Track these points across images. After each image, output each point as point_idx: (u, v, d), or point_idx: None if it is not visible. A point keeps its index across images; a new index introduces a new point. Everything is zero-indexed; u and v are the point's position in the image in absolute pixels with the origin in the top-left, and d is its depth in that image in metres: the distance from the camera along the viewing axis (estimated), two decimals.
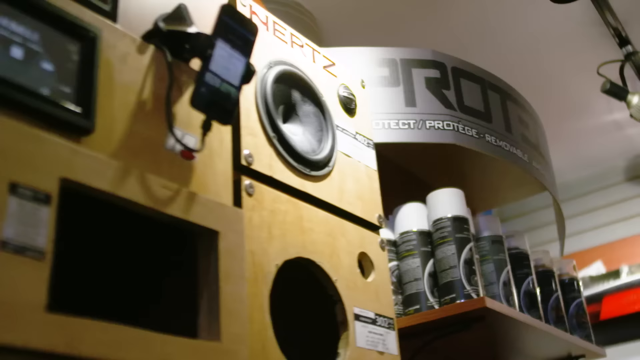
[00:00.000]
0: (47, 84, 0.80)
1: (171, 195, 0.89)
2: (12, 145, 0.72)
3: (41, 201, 0.73)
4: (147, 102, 0.93)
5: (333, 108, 1.34)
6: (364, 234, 1.28)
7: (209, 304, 0.90)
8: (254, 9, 1.24)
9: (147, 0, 1.03)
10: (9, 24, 0.79)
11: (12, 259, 0.68)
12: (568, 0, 2.19)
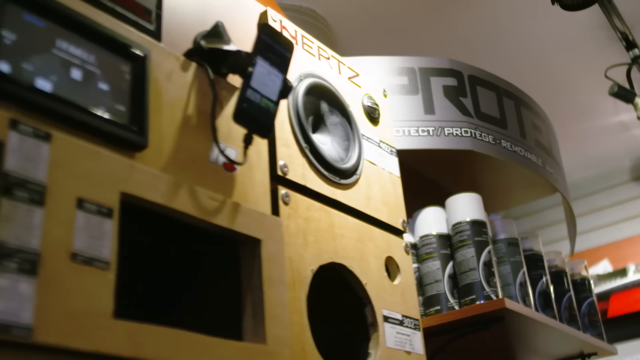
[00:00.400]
0: (104, 103, 0.85)
1: (218, 206, 0.93)
2: (77, 162, 0.77)
3: (105, 215, 0.78)
4: (192, 117, 0.98)
5: (358, 117, 1.38)
6: (389, 239, 1.33)
7: (253, 308, 0.94)
8: (284, 24, 1.29)
9: (185, 18, 1.08)
10: (68, 47, 0.84)
11: (82, 269, 0.73)
12: (578, 8, 2.24)
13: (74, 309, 0.70)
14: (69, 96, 0.81)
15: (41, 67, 0.79)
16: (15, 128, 0.72)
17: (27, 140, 0.73)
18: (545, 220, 3.98)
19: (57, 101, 0.79)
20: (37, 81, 0.78)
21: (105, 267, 0.75)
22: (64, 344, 0.68)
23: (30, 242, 0.69)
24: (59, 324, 0.68)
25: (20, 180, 0.70)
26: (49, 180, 0.73)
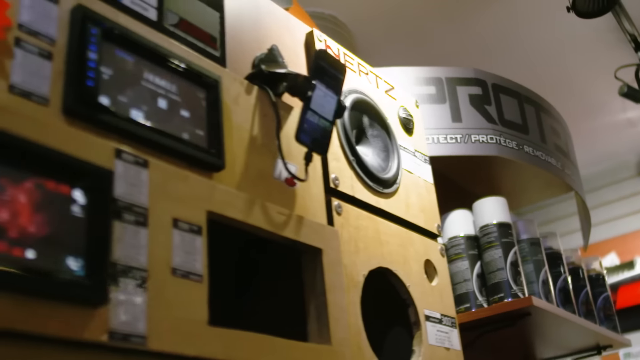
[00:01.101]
0: (186, 129, 0.93)
1: (285, 219, 1.01)
2: (170, 186, 0.84)
3: (195, 232, 0.85)
4: (257, 138, 1.06)
5: (394, 128, 1.46)
6: (427, 243, 1.41)
7: (317, 312, 1.02)
8: (328, 43, 1.36)
9: (244, 42, 1.15)
10: (154, 79, 0.91)
11: (181, 282, 0.81)
12: (593, 16, 2.31)
13: (176, 318, 0.78)
14: (158, 124, 0.88)
15: (134, 99, 0.87)
16: (120, 157, 0.80)
17: (129, 168, 0.80)
18: (555, 214, 4.06)
19: (149, 130, 0.86)
20: (132, 112, 0.86)
21: (199, 280, 0.83)
22: (170, 350, 0.76)
23: (139, 260, 0.77)
24: (166, 332, 0.76)
25: (127, 205, 0.78)
26: (149, 203, 0.81)
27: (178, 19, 1.03)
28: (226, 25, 1.13)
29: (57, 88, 0.79)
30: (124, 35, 0.88)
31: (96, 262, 0.71)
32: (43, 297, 0.65)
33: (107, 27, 0.86)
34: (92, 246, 0.71)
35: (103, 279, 0.70)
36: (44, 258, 0.67)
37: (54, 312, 0.66)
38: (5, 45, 0.75)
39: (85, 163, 0.74)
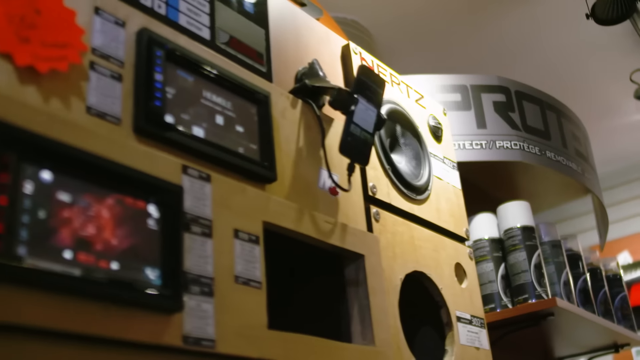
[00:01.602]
0: (241, 144, 0.98)
1: (331, 228, 1.06)
2: (230, 198, 0.89)
3: (254, 242, 0.90)
4: (302, 150, 1.10)
5: (425, 136, 1.50)
6: (457, 247, 1.45)
7: (360, 315, 1.07)
8: (363, 56, 1.41)
9: (287, 57, 1.20)
10: (211, 96, 0.96)
11: (243, 289, 0.86)
12: (611, 23, 2.34)
13: (240, 323, 0.83)
14: (217, 140, 0.93)
15: (195, 116, 0.92)
16: (186, 172, 0.85)
17: (195, 182, 0.85)
18: (569, 213, 4.09)
19: (210, 145, 0.91)
20: (194, 129, 0.91)
21: (258, 286, 0.88)
22: (236, 352, 0.81)
23: (206, 269, 0.82)
24: (232, 336, 0.81)
25: (194, 217, 0.83)
26: (213, 216, 0.86)
27: (228, 37, 1.08)
28: (270, 41, 1.17)
29: (127, 108, 0.84)
30: (185, 56, 0.93)
31: (171, 272, 0.76)
32: (127, 305, 0.70)
33: (169, 49, 0.91)
34: (167, 257, 0.76)
35: (178, 288, 0.75)
36: (126, 269, 0.72)
37: (136, 319, 0.71)
38: (82, 69, 0.80)
39: (159, 180, 0.79)
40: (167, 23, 0.97)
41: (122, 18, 0.88)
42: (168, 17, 0.98)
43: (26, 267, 0.63)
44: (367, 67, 1.17)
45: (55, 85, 0.76)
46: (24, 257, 0.63)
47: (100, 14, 0.86)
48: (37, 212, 0.66)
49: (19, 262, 0.62)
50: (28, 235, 0.64)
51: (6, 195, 0.64)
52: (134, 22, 0.90)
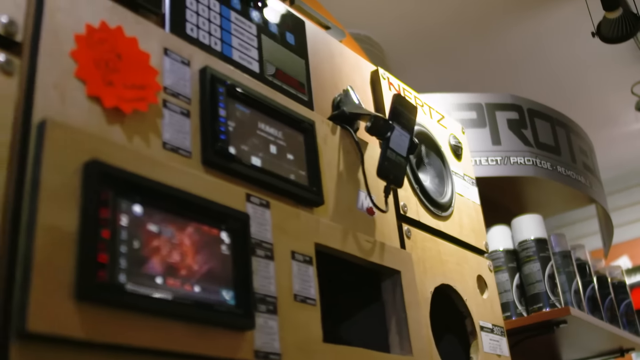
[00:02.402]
0: (292, 171, 1.05)
1: (371, 246, 1.13)
2: (287, 222, 0.97)
3: (308, 262, 0.98)
4: (342, 173, 1.18)
5: (447, 155, 1.58)
6: (478, 260, 1.53)
7: (398, 327, 1.15)
8: (390, 81, 1.48)
9: (325, 84, 1.27)
10: (265, 127, 1.04)
11: (300, 307, 0.93)
12: (617, 41, 2.42)
13: (300, 337, 0.90)
14: (272, 168, 1.01)
15: (252, 147, 0.99)
16: (249, 200, 0.92)
17: (257, 209, 0.93)
18: (569, 219, 4.17)
19: (267, 174, 0.99)
20: (252, 159, 0.98)
21: (314, 303, 0.95)
22: None
23: (270, 289, 0.89)
24: (293, 350, 0.88)
25: (258, 242, 0.90)
26: (273, 239, 0.93)
27: (274, 69, 1.15)
28: (310, 70, 1.25)
29: (196, 142, 0.91)
30: (242, 91, 1.00)
31: (243, 293, 0.83)
32: (208, 325, 0.78)
33: (229, 85, 0.98)
34: (239, 279, 0.83)
35: (250, 307, 0.83)
36: (206, 291, 0.79)
37: (215, 337, 0.78)
38: (157, 108, 0.88)
39: (229, 209, 0.86)
40: (223, 59, 1.04)
41: (187, 57, 0.95)
42: (223, 54, 1.05)
43: (128, 293, 0.70)
44: (401, 95, 1.24)
45: (136, 123, 0.84)
46: (125, 284, 0.70)
47: (169, 54, 0.93)
48: (132, 242, 0.73)
49: (122, 289, 0.70)
50: (126, 264, 0.72)
51: (108, 229, 0.71)
52: (197, 60, 0.97)
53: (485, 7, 2.72)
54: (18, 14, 0.77)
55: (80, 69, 0.80)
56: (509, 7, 2.74)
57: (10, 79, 0.73)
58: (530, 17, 2.80)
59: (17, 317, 0.63)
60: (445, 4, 2.65)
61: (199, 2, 1.05)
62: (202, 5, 1.06)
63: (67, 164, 0.71)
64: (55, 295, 0.65)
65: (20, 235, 0.67)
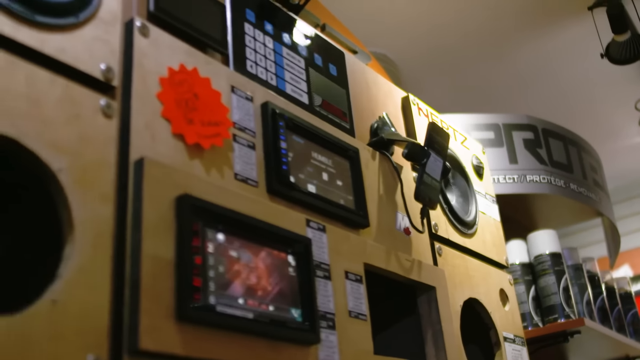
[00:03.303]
0: (341, 196, 1.13)
1: (410, 264, 1.22)
2: (340, 245, 1.05)
3: (359, 281, 1.06)
4: (382, 196, 1.26)
5: (470, 174, 1.66)
6: (500, 274, 1.61)
7: (434, 339, 1.23)
8: (420, 106, 1.57)
9: (362, 112, 1.36)
10: (317, 156, 1.12)
11: (354, 322, 1.01)
12: (625, 63, 2.52)
13: (355, 350, 0.99)
14: (325, 194, 1.09)
15: (308, 175, 1.08)
16: (309, 225, 1.01)
17: (315, 233, 1.01)
18: (574, 228, 4.26)
19: (321, 200, 1.07)
20: (309, 186, 1.07)
21: (365, 319, 1.04)
22: None
23: (329, 306, 0.97)
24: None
25: (318, 263, 0.99)
26: (330, 261, 1.01)
27: (321, 100, 1.24)
28: (350, 99, 1.33)
29: (261, 172, 1.00)
30: (299, 123, 1.09)
31: (309, 310, 0.91)
32: (282, 340, 0.86)
33: (287, 118, 1.07)
34: (305, 298, 0.92)
35: (315, 324, 0.91)
36: (278, 310, 0.88)
37: (288, 351, 0.87)
38: (229, 142, 0.96)
39: (294, 234, 0.95)
40: (278, 93, 1.13)
41: (250, 93, 1.04)
42: (278, 87, 1.14)
43: (218, 313, 0.78)
44: (436, 123, 1.33)
45: (213, 157, 0.92)
46: (215, 305, 0.79)
47: (235, 91, 1.02)
48: (218, 267, 0.82)
49: (213, 310, 0.78)
50: (214, 286, 0.80)
51: (200, 256, 0.79)
52: (258, 96, 1.06)
53: (497, 28, 2.81)
54: (113, 61, 0.85)
55: (165, 109, 0.88)
56: (520, 27, 2.83)
57: (110, 121, 0.81)
58: (540, 36, 2.89)
59: (129, 337, 0.71)
60: (459, 24, 2.74)
61: (255, 39, 1.14)
62: (259, 43, 1.14)
63: (162, 199, 0.80)
64: (159, 317, 0.73)
65: (127, 264, 0.75)
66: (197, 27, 1.01)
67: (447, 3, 2.61)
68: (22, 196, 0.77)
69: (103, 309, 0.71)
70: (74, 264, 0.70)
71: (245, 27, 1.12)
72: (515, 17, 2.73)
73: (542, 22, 2.79)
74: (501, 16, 2.71)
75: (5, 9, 0.74)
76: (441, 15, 2.66)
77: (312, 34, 1.30)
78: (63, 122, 0.75)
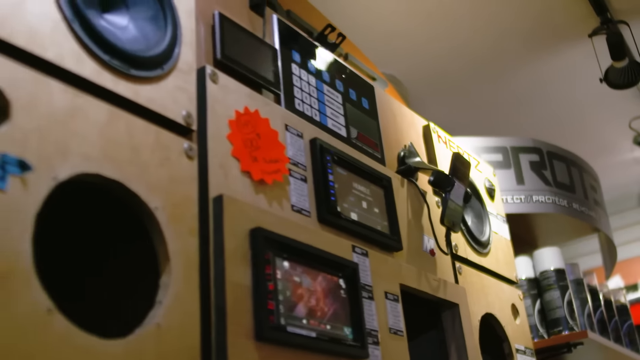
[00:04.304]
0: (378, 222, 1.24)
1: (437, 284, 1.33)
2: (379, 267, 1.16)
3: (396, 300, 1.17)
4: (411, 220, 1.37)
5: (483, 196, 1.78)
6: (511, 290, 1.73)
7: (457, 352, 1.34)
8: (439, 134, 1.68)
9: (390, 142, 1.47)
10: (357, 186, 1.23)
11: (394, 338, 1.12)
12: (623, 87, 2.65)
13: None
14: (366, 221, 1.20)
15: (351, 204, 1.18)
16: (354, 250, 1.11)
17: (359, 258, 1.12)
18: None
19: (362, 227, 1.18)
20: (352, 214, 1.17)
21: (402, 335, 1.15)
22: None
23: (374, 324, 1.08)
24: None
25: (362, 285, 1.09)
26: (373, 282, 1.12)
27: (357, 132, 1.35)
28: (380, 130, 1.44)
29: (312, 203, 1.10)
30: (342, 157, 1.20)
31: (359, 328, 1.02)
32: (339, 356, 0.97)
33: (333, 153, 1.18)
34: (354, 317, 1.03)
35: (364, 340, 1.02)
36: (334, 329, 0.98)
37: None
38: (286, 177, 1.07)
39: (344, 259, 1.06)
40: (322, 128, 1.23)
41: (300, 130, 1.15)
42: (322, 123, 1.25)
43: (288, 333, 0.89)
44: (460, 153, 1.44)
45: (274, 191, 1.03)
46: (285, 325, 0.89)
47: (289, 129, 1.12)
48: (285, 292, 0.92)
49: (285, 330, 0.89)
50: (284, 309, 0.91)
51: (272, 282, 0.90)
52: (307, 132, 1.16)
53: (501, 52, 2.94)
54: (191, 107, 0.95)
55: (234, 149, 0.99)
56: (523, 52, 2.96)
57: (192, 162, 0.92)
58: (541, 60, 3.03)
59: (217, 355, 0.82)
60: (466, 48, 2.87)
61: (301, 78, 1.24)
62: (304, 82, 1.25)
63: (238, 231, 0.90)
64: (242, 337, 0.84)
65: (211, 290, 0.86)
66: (254, 70, 1.11)
67: (457, 28, 2.74)
68: (121, 232, 0.88)
69: (195, 331, 0.81)
70: (171, 291, 0.81)
71: (292, 68, 1.23)
72: (518, 42, 2.87)
73: (544, 48, 2.92)
74: (505, 41, 2.84)
75: (107, 65, 0.85)
76: (449, 40, 2.78)
77: (347, 71, 1.41)
78: (157, 165, 0.86)
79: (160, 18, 0.96)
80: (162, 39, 0.94)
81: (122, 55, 0.87)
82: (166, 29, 0.95)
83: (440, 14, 2.62)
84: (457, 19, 2.65)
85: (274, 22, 1.25)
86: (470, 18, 2.66)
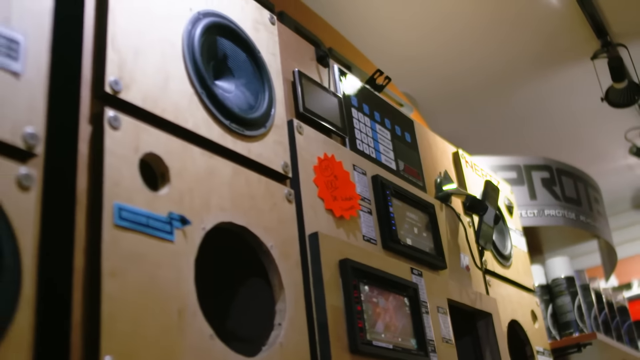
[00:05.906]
0: (427, 245, 1.44)
1: (475, 297, 1.53)
2: (431, 285, 1.36)
3: (445, 314, 1.37)
4: (450, 241, 1.57)
5: (504, 213, 1.98)
6: (530, 297, 1.94)
7: (492, 356, 1.54)
8: (467, 159, 1.88)
9: (428, 170, 1.66)
10: (409, 214, 1.43)
11: (446, 346, 1.32)
12: (622, 106, 2.86)
13: None
14: (418, 245, 1.40)
15: (406, 230, 1.38)
16: (412, 272, 1.31)
17: (416, 278, 1.32)
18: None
19: (416, 250, 1.38)
20: (407, 239, 1.37)
21: (452, 343, 1.35)
22: None
23: (430, 335, 1.28)
24: None
25: (420, 302, 1.29)
26: (428, 299, 1.32)
27: (403, 165, 1.54)
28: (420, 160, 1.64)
29: (377, 232, 1.30)
30: (398, 190, 1.39)
31: (422, 339, 1.22)
32: None
33: (391, 187, 1.37)
34: (418, 330, 1.22)
35: (426, 350, 1.22)
36: (404, 341, 1.18)
37: None
38: (358, 212, 1.26)
39: (407, 281, 1.25)
40: (378, 164, 1.43)
41: (364, 169, 1.34)
42: (377, 159, 1.44)
43: (374, 346, 1.09)
44: (490, 181, 1.64)
45: (350, 225, 1.22)
46: (371, 340, 1.09)
47: (356, 169, 1.32)
48: (368, 311, 1.12)
49: (371, 344, 1.08)
50: (368, 326, 1.10)
51: (359, 304, 1.10)
52: (368, 170, 1.36)
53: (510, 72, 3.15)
54: (287, 157, 1.14)
55: (320, 191, 1.18)
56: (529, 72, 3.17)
57: (291, 205, 1.11)
58: (544, 79, 3.24)
59: None
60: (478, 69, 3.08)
61: (359, 121, 1.44)
62: (361, 124, 1.44)
63: (331, 262, 1.10)
64: (342, 350, 1.03)
65: (314, 312, 1.05)
66: (327, 119, 1.31)
67: (470, 51, 2.94)
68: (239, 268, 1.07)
69: (306, 347, 1.01)
70: (287, 316, 1.00)
71: (352, 112, 1.42)
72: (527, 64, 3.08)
73: (550, 69, 3.14)
74: (514, 63, 3.05)
75: (227, 129, 1.04)
76: (462, 62, 2.99)
77: (391, 109, 1.61)
78: (268, 210, 1.05)
79: (258, 81, 1.15)
80: (262, 100, 1.13)
81: (237, 119, 1.05)
82: (264, 91, 1.14)
83: (454, 39, 2.83)
84: (471, 43, 2.86)
85: (335, 72, 1.44)
86: (483, 42, 2.87)
